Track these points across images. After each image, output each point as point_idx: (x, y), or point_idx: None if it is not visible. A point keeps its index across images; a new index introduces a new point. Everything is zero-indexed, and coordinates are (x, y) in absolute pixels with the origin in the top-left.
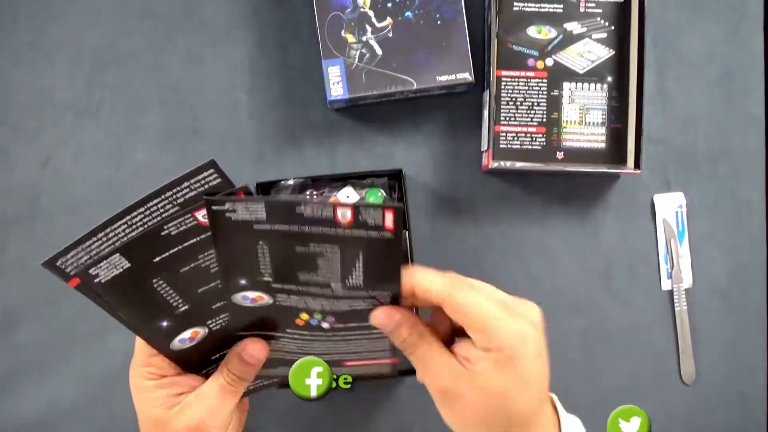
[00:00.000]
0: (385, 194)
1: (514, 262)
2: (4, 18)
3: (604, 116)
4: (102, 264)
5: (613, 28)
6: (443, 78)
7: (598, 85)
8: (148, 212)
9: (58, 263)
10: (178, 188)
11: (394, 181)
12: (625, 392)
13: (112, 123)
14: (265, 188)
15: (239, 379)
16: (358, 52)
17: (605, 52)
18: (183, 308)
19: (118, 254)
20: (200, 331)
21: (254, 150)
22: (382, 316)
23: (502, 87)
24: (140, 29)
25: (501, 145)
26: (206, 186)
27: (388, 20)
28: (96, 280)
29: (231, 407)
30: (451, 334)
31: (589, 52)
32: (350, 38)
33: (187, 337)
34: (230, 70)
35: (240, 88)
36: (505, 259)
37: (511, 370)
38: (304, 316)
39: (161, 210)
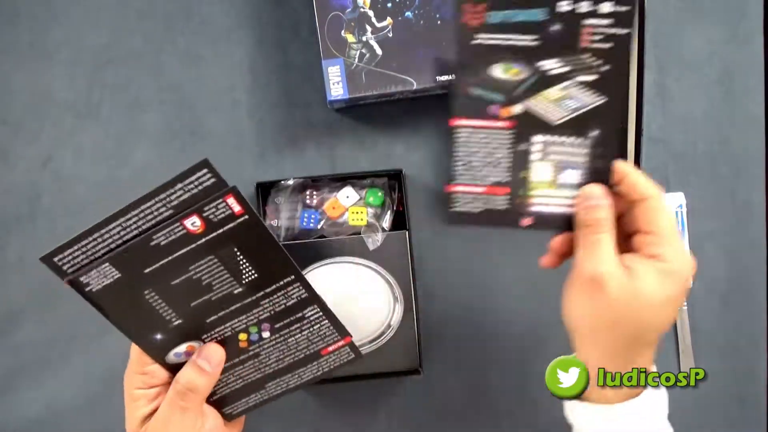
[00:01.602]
0: (385, 194)
1: (514, 261)
2: (4, 18)
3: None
4: (92, 273)
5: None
6: (443, 78)
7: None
8: (142, 215)
9: (56, 260)
10: (172, 190)
11: (394, 181)
12: None
13: (112, 123)
14: (265, 188)
15: (187, 391)
16: (358, 52)
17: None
18: (176, 322)
19: (108, 264)
20: (196, 346)
21: (254, 150)
22: (597, 189)
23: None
24: (140, 29)
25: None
26: (200, 187)
27: (388, 20)
28: (87, 289)
29: (187, 426)
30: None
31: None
32: (350, 38)
33: (182, 351)
34: (230, 70)
35: (240, 88)
36: (505, 258)
37: (666, 286)
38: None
39: (155, 213)
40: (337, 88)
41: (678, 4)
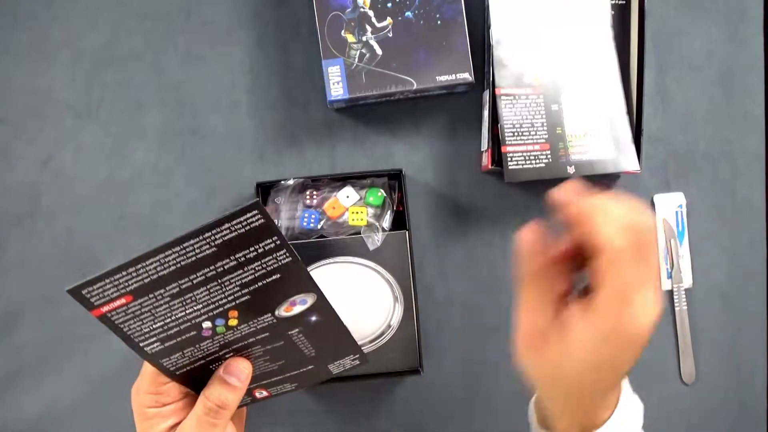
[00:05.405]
0: (385, 194)
1: (514, 262)
2: (4, 18)
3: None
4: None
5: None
6: (443, 78)
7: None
8: (183, 251)
9: (84, 292)
10: (218, 229)
11: (394, 181)
12: None
13: (112, 123)
14: (265, 188)
15: (218, 408)
16: (358, 52)
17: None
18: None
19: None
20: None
21: (254, 150)
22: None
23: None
24: (140, 29)
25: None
26: (248, 227)
27: (388, 20)
28: (113, 319)
29: None
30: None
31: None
32: (350, 38)
33: None
34: (230, 70)
35: (240, 88)
36: (505, 259)
37: (603, 350)
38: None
39: (197, 250)
40: (337, 88)
41: (678, 4)
